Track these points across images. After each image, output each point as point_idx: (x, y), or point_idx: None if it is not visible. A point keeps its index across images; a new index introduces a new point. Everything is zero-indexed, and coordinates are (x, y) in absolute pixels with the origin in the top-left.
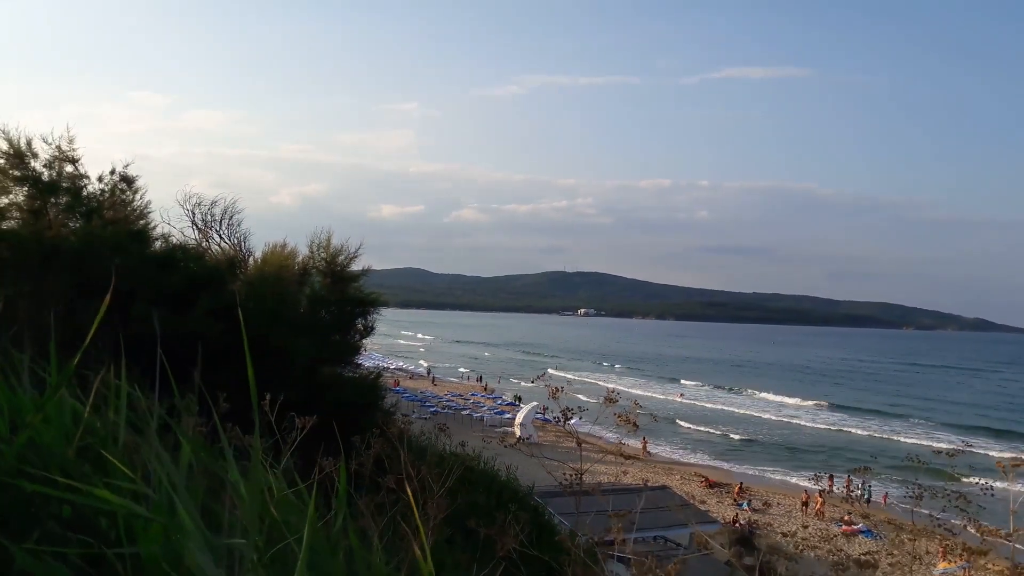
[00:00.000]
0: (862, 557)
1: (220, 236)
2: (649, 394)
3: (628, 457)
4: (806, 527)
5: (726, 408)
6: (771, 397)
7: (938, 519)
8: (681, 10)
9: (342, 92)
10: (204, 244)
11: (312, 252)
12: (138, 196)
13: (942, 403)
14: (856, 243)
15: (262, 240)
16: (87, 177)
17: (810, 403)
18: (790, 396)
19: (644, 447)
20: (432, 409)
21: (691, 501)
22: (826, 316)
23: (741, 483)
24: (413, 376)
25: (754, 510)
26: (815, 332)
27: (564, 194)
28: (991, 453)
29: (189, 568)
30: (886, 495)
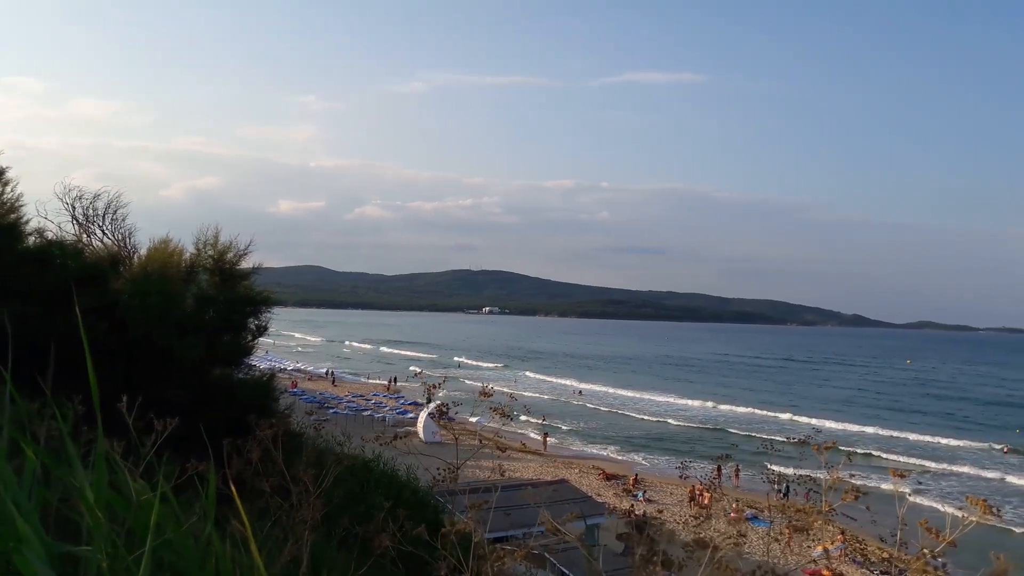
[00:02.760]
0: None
1: (103, 231)
2: (549, 388)
3: (529, 452)
4: (697, 517)
5: (622, 403)
6: (660, 394)
7: (810, 502)
8: (584, 13)
9: (239, 83)
10: (85, 240)
11: (199, 249)
12: (9, 188)
13: (808, 397)
14: (747, 243)
15: (151, 236)
16: None
17: (696, 401)
18: (678, 391)
19: (544, 442)
20: (332, 411)
21: (588, 494)
22: (717, 313)
23: (636, 474)
24: (312, 377)
25: (648, 500)
26: (706, 328)
27: (471, 193)
28: (842, 447)
29: None
30: (737, 471)
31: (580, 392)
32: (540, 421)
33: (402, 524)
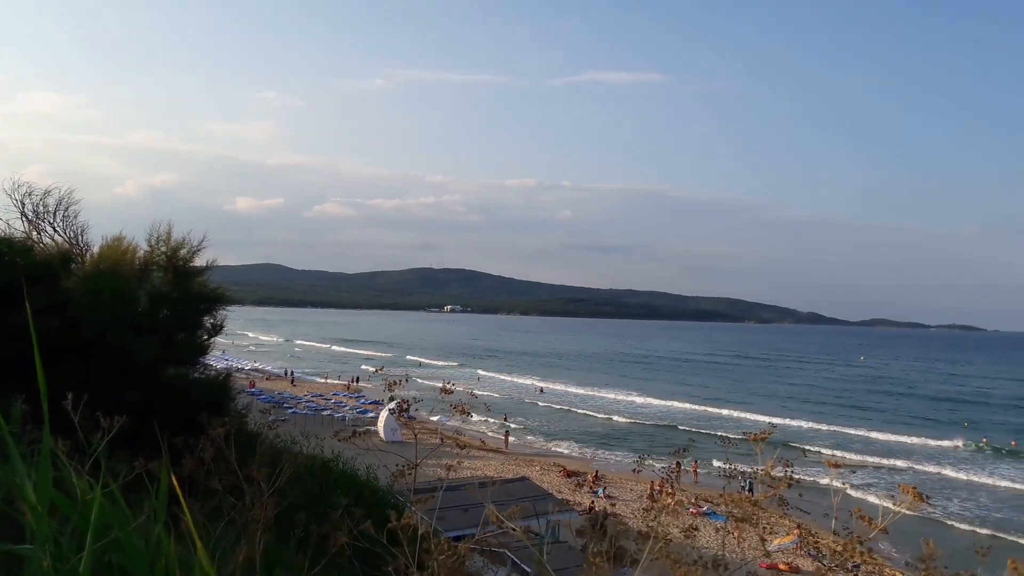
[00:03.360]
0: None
1: (54, 229)
2: (511, 387)
3: (491, 451)
4: (647, 511)
5: (583, 400)
6: (619, 391)
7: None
8: (547, 12)
9: (197, 78)
10: (35, 237)
11: (151, 245)
12: None
13: (762, 394)
14: (707, 242)
15: (105, 234)
16: None
17: (655, 399)
18: (638, 389)
19: (506, 440)
20: (291, 410)
21: (549, 491)
22: (677, 311)
23: (597, 471)
24: (270, 377)
25: (608, 497)
26: (665, 326)
27: (433, 191)
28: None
29: None
30: (696, 466)
31: (542, 390)
32: (503, 420)
33: (358, 522)
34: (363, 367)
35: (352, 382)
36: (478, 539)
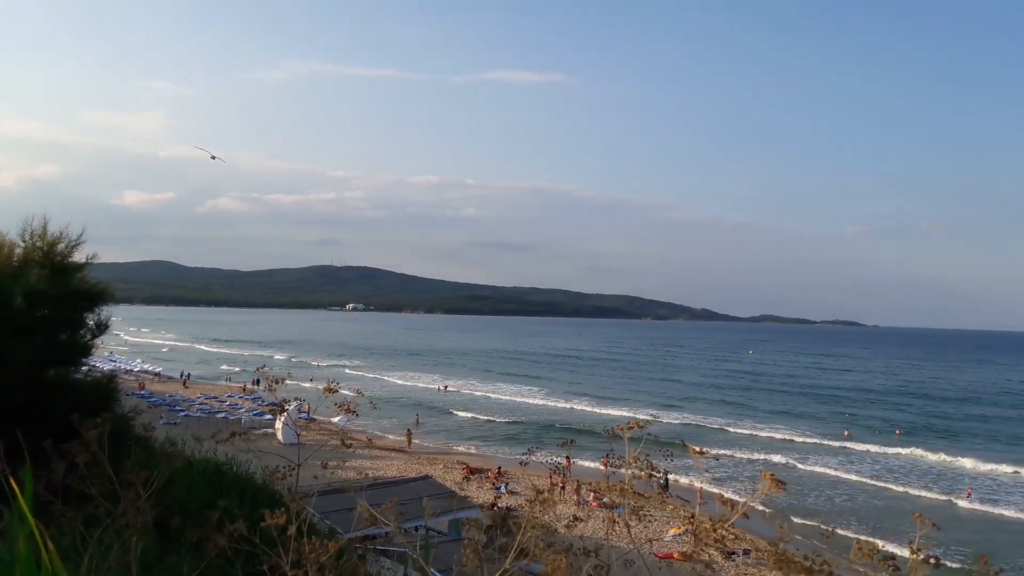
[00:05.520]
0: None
1: None
2: (414, 385)
3: (394, 450)
4: (531, 503)
5: (486, 398)
6: (521, 387)
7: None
8: (450, 9)
9: (80, 65)
10: None
11: (26, 240)
12: None
13: (649, 391)
14: (606, 240)
15: None
16: None
17: (555, 397)
18: (537, 385)
19: (408, 439)
20: (183, 413)
21: (452, 489)
22: (577, 308)
23: (500, 467)
24: (161, 378)
25: (511, 492)
26: (566, 323)
27: (334, 186)
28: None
29: None
30: (569, 460)
31: (445, 388)
32: (414, 421)
33: (250, 523)
34: (223, 366)
35: (252, 384)
36: (365, 538)
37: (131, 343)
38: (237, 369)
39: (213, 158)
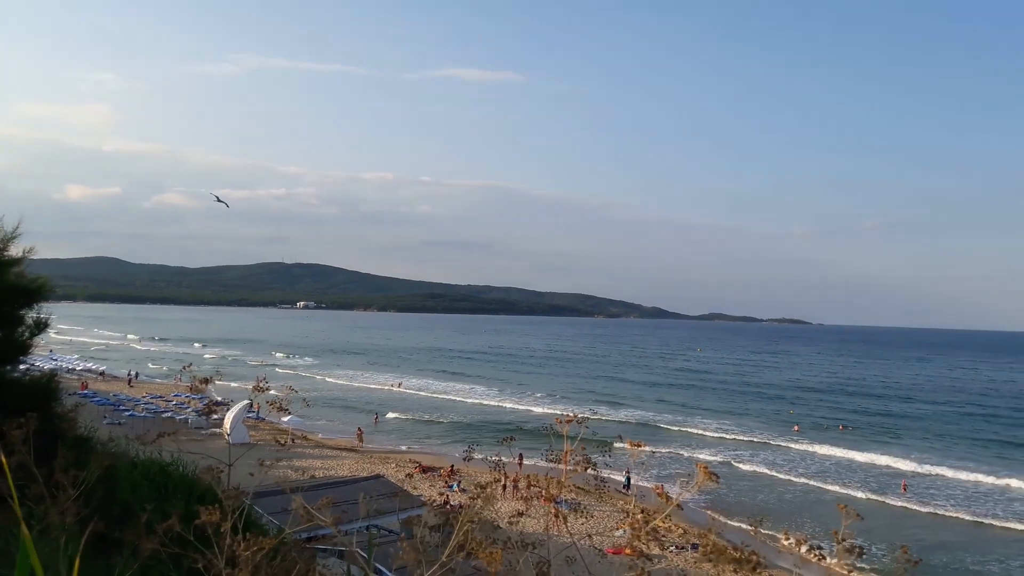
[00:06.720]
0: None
1: None
2: (366, 383)
3: (345, 449)
4: (474, 499)
5: (439, 396)
6: (475, 386)
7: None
8: (401, 6)
9: (17, 55)
10: None
11: None
12: None
13: (598, 390)
14: (560, 239)
15: None
16: None
17: (508, 397)
18: (489, 384)
19: (359, 438)
20: (128, 413)
21: (404, 487)
22: (531, 306)
23: (452, 465)
24: (105, 378)
25: (463, 490)
26: (520, 321)
27: (285, 182)
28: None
29: None
30: (520, 458)
31: (400, 385)
32: (375, 421)
33: (170, 522)
34: (150, 364)
35: (202, 383)
36: (312, 537)
37: (61, 341)
38: (165, 368)
39: (218, 200)
